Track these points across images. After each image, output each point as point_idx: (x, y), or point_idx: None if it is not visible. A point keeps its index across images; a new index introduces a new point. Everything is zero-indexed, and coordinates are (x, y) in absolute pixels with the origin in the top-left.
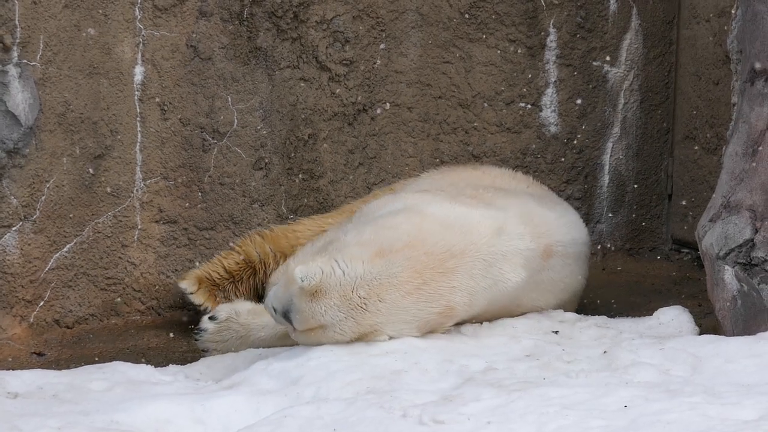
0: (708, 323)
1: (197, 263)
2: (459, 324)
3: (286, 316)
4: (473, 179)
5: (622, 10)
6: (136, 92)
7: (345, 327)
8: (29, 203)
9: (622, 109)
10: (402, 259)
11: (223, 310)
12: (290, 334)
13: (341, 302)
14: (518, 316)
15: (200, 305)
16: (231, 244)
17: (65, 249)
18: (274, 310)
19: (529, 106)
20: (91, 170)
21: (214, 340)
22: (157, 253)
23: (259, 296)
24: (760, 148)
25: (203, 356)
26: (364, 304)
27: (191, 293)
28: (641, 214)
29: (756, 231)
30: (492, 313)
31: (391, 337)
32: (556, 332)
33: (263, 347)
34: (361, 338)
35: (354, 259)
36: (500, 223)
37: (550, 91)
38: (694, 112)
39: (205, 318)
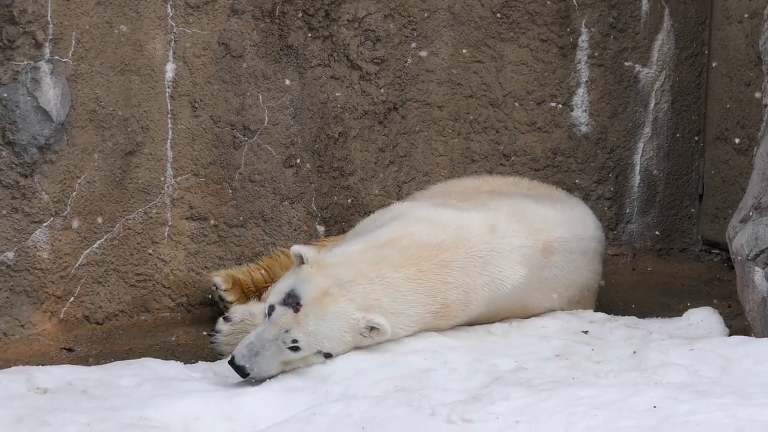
0: (738, 324)
1: (223, 265)
2: (489, 323)
3: (290, 296)
4: (472, 187)
5: (654, 10)
6: (168, 89)
7: (356, 288)
8: (60, 199)
9: (654, 109)
10: (391, 248)
11: (238, 311)
12: (287, 333)
13: (347, 269)
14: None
15: (231, 302)
16: (257, 261)
17: (96, 245)
18: (270, 311)
19: (560, 105)
20: (121, 167)
21: (229, 342)
22: (187, 249)
23: None
24: None
25: (219, 359)
26: (368, 275)
27: (225, 290)
28: (672, 214)
29: None
30: (493, 316)
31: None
32: (586, 332)
33: None
34: (367, 310)
35: (344, 251)
36: (492, 221)
37: (581, 90)
38: (726, 113)
39: (221, 319)
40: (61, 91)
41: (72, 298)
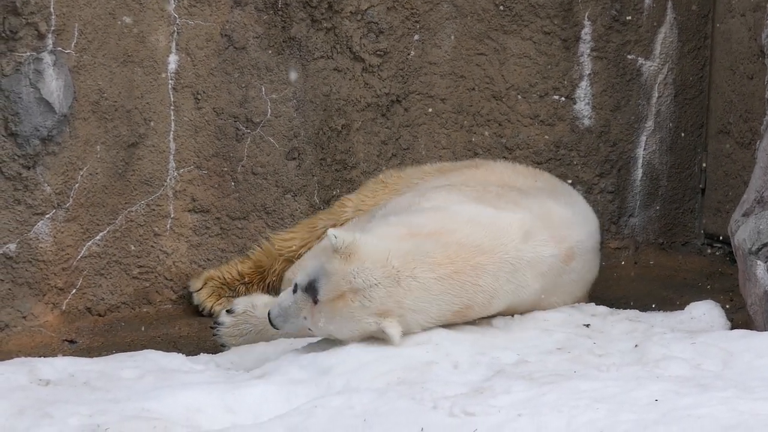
0: (740, 318)
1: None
2: (491, 317)
3: (311, 286)
4: (483, 176)
5: (657, 3)
6: (170, 81)
7: (374, 295)
8: (62, 191)
9: (656, 102)
10: (433, 242)
11: (240, 303)
12: (307, 322)
13: (374, 267)
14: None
15: (198, 305)
16: (247, 253)
17: (98, 237)
18: (295, 288)
19: (563, 98)
20: (124, 158)
21: (232, 334)
22: (189, 242)
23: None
24: None
25: (221, 351)
26: (398, 275)
27: (193, 291)
28: (674, 208)
29: None
30: (504, 313)
31: (403, 332)
32: (588, 325)
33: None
34: (381, 315)
35: (385, 235)
36: (526, 227)
37: (584, 83)
38: (728, 107)
39: (223, 311)
40: (64, 83)
41: (74, 290)
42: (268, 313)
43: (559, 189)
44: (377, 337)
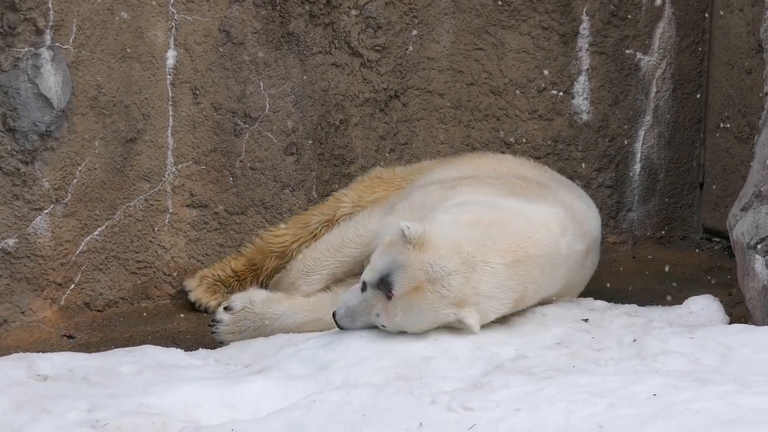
0: (738, 312)
1: (224, 252)
2: None
3: (383, 282)
4: (492, 166)
5: None
6: (168, 76)
7: (452, 282)
8: (61, 186)
9: (655, 97)
10: (497, 230)
11: (238, 299)
12: (380, 319)
13: (450, 254)
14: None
15: (194, 302)
16: (240, 249)
17: (96, 232)
18: (364, 287)
19: (561, 93)
20: (122, 154)
21: (231, 331)
22: (187, 237)
23: None
24: None
25: (220, 346)
26: (473, 261)
27: (189, 290)
28: (672, 202)
29: None
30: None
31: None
32: (586, 320)
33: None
34: (458, 305)
35: (452, 223)
36: (563, 222)
37: (582, 78)
38: (727, 101)
39: (221, 309)
40: (62, 78)
41: (72, 285)
42: (333, 314)
43: (565, 182)
44: (454, 327)
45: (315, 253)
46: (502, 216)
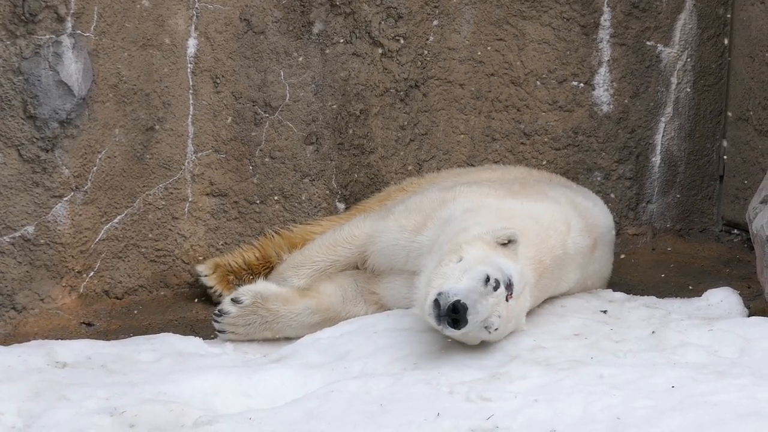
0: (757, 305)
1: (243, 241)
2: None
3: (509, 284)
4: (500, 175)
5: None
6: (189, 65)
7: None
8: (81, 174)
9: (675, 89)
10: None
11: (247, 294)
12: (499, 319)
13: (529, 264)
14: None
15: (211, 287)
16: (251, 243)
17: (116, 220)
18: (495, 285)
19: (581, 84)
20: (142, 142)
21: (235, 324)
22: (207, 225)
23: None
24: None
25: (218, 337)
26: (539, 266)
27: (205, 276)
28: (692, 194)
29: None
30: None
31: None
32: (605, 312)
33: (288, 336)
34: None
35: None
36: (567, 219)
37: (603, 70)
38: (747, 94)
39: (228, 299)
40: (83, 66)
41: (92, 273)
42: (437, 313)
43: (575, 186)
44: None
45: (309, 249)
46: (523, 225)
